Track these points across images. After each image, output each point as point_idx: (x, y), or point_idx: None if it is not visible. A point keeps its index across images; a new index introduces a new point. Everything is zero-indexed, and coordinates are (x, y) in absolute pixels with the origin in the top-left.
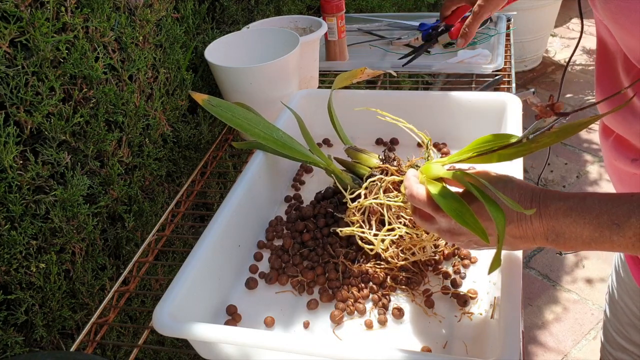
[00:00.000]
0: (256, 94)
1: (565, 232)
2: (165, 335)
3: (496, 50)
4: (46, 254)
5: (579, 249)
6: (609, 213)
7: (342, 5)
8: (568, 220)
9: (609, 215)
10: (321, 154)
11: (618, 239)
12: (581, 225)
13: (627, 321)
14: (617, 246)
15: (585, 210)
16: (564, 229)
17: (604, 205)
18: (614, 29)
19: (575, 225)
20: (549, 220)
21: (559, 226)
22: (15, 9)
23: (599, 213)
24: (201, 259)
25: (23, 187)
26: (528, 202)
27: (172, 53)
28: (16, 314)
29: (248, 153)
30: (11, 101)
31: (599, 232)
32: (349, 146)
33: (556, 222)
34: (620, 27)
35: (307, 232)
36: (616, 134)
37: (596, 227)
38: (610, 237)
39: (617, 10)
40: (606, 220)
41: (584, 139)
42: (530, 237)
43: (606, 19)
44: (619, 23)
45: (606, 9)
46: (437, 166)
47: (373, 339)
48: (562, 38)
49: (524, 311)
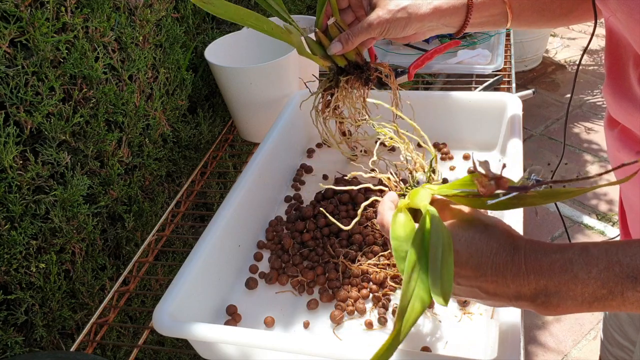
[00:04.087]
0: (256, 94)
1: (561, 291)
2: (165, 335)
3: (496, 51)
4: (46, 254)
5: (574, 311)
6: (621, 264)
7: None
8: (567, 276)
9: (621, 267)
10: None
11: (633, 294)
12: (584, 281)
13: (626, 319)
14: (630, 304)
15: (590, 262)
16: (561, 287)
17: (613, 255)
18: (627, 22)
19: (576, 282)
20: (540, 277)
21: (554, 284)
22: (15, 9)
23: (608, 265)
24: (201, 259)
25: (23, 187)
26: (506, 255)
27: (172, 53)
28: (16, 314)
29: (248, 153)
30: (11, 101)
31: (607, 289)
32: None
33: (550, 279)
34: (633, 20)
35: (307, 232)
36: (621, 125)
37: (604, 282)
38: (623, 294)
39: (634, 4)
40: (618, 272)
41: (584, 139)
42: (510, 296)
43: (619, 12)
44: (634, 17)
45: (621, 3)
46: (425, 194)
47: (373, 339)
48: (562, 38)
49: (523, 311)
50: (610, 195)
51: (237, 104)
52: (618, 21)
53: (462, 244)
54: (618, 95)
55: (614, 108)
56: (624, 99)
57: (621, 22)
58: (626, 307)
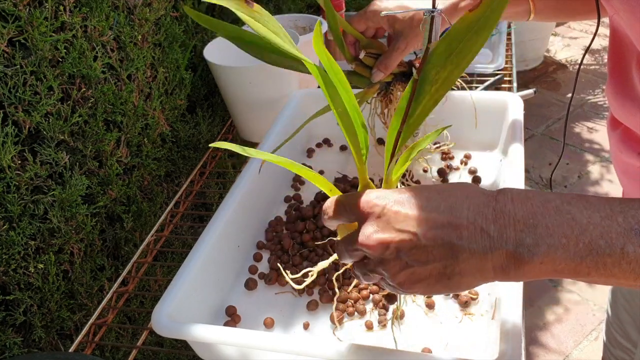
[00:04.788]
0: (256, 94)
1: (554, 235)
2: (164, 336)
3: (497, 50)
4: (44, 255)
5: (556, 271)
6: (625, 215)
7: (341, 4)
8: (562, 217)
9: (625, 217)
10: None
11: (634, 251)
12: (582, 227)
13: (629, 321)
14: (626, 263)
15: (590, 207)
16: (555, 230)
17: (616, 206)
18: (629, 20)
19: (573, 224)
20: (529, 215)
21: (545, 225)
22: (14, 8)
23: (610, 214)
24: (200, 259)
25: (21, 187)
26: (486, 197)
27: (171, 52)
28: (14, 314)
29: None
30: (9, 101)
31: (605, 239)
32: (365, 53)
33: (542, 218)
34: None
35: (307, 232)
36: (624, 126)
37: (604, 231)
38: (623, 248)
39: (636, 3)
40: (621, 223)
41: (586, 138)
42: (486, 248)
43: (622, 10)
44: (635, 15)
45: (624, 1)
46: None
47: (373, 340)
48: (563, 37)
49: (525, 312)
50: (611, 195)
51: (237, 103)
52: (621, 19)
53: (432, 192)
54: (620, 95)
55: (616, 108)
56: (626, 99)
57: (624, 20)
58: (620, 268)
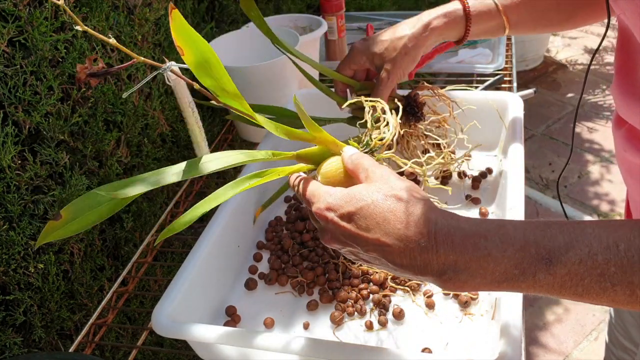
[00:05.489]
0: (256, 94)
1: (471, 268)
2: (164, 336)
3: (497, 50)
4: (45, 255)
5: (480, 289)
6: (538, 246)
7: (341, 4)
8: (479, 253)
9: (537, 248)
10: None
11: (545, 277)
12: (496, 260)
13: (632, 322)
14: (539, 287)
15: (506, 240)
16: (471, 264)
17: (530, 235)
18: (634, 20)
19: (489, 260)
20: (450, 251)
21: (464, 261)
22: (14, 8)
23: (524, 244)
24: (200, 259)
25: (21, 187)
26: (418, 227)
27: (171, 52)
28: (15, 314)
29: None
30: (9, 101)
31: (519, 270)
32: (356, 93)
33: (461, 255)
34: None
35: (307, 232)
36: (628, 124)
37: (517, 262)
38: (535, 275)
39: None
40: (533, 254)
41: (586, 138)
42: (416, 267)
43: (628, 10)
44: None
45: (629, 2)
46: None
47: (373, 340)
48: (563, 37)
49: (525, 312)
50: (612, 196)
51: None
52: (627, 19)
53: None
54: (626, 94)
55: (621, 107)
56: (632, 99)
57: (629, 20)
58: (535, 290)
